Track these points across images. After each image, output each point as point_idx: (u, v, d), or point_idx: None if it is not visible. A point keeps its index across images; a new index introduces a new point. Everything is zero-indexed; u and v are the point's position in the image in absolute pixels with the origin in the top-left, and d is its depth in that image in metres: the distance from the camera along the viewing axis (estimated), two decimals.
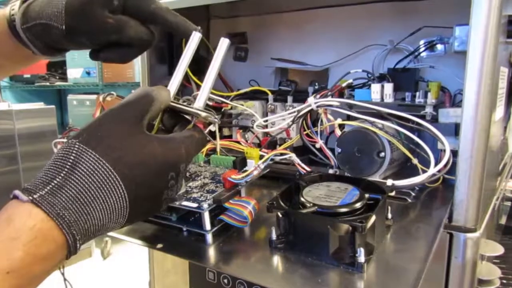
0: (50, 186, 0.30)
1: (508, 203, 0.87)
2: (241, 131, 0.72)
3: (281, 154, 0.55)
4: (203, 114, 0.40)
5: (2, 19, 0.43)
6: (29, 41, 0.42)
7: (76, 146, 0.31)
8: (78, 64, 2.72)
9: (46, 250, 0.29)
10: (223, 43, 0.43)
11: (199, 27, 0.44)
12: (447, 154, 0.49)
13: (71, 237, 0.29)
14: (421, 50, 0.64)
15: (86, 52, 0.47)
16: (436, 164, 0.49)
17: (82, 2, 0.40)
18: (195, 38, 0.43)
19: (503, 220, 0.83)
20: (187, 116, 0.41)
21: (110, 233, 0.48)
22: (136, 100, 0.35)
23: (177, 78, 0.42)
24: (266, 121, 0.68)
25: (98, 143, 0.31)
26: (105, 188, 0.31)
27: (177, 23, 0.44)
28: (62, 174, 0.30)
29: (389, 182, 0.47)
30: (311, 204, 0.40)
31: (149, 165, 0.33)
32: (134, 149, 0.32)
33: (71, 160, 0.30)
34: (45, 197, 0.29)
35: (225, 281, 0.59)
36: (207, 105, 0.70)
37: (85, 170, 0.30)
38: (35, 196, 0.29)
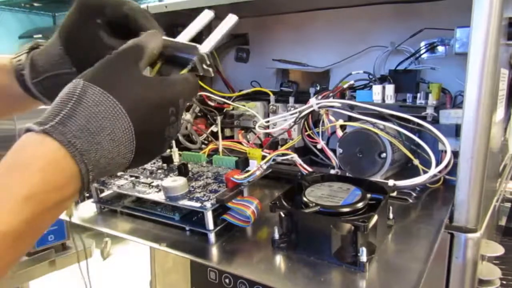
0: (59, 116, 0.31)
1: (508, 205, 0.87)
2: (242, 131, 0.72)
3: (283, 155, 0.55)
4: (203, 50, 0.39)
5: (7, 74, 0.43)
6: (39, 93, 0.42)
7: (81, 83, 0.33)
8: None
9: (60, 178, 0.30)
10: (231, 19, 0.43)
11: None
12: (448, 155, 0.49)
13: (83, 166, 0.31)
14: (422, 51, 0.65)
15: None
16: (437, 165, 0.50)
17: (79, 39, 0.40)
18: (208, 16, 0.43)
19: (503, 221, 0.84)
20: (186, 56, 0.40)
21: (115, 233, 0.49)
22: (128, 49, 0.36)
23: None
24: (268, 121, 0.68)
25: (102, 80, 0.33)
26: (112, 119, 0.32)
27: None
28: (69, 106, 0.32)
29: (391, 182, 0.48)
30: (314, 204, 0.40)
31: (150, 100, 0.34)
32: (135, 86, 0.34)
33: (77, 94, 0.32)
34: (55, 126, 0.30)
35: (227, 280, 0.59)
36: (209, 106, 0.70)
37: (91, 102, 0.32)
38: (46, 126, 0.30)
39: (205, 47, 0.40)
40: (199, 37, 0.43)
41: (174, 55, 0.40)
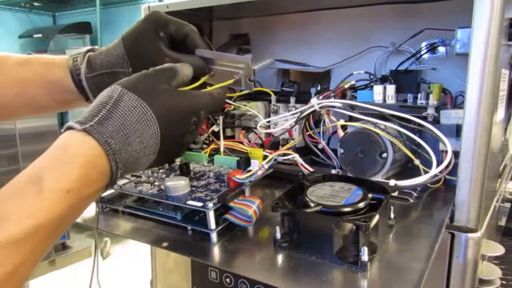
0: (98, 117, 0.35)
1: (508, 205, 0.87)
2: (243, 131, 0.72)
3: (284, 155, 0.55)
4: (254, 68, 0.47)
5: (62, 69, 0.48)
6: (89, 89, 0.48)
7: (119, 89, 0.37)
8: None
9: (94, 174, 0.33)
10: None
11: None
12: (449, 155, 0.50)
13: (114, 164, 0.34)
14: (423, 52, 0.65)
15: None
16: (437, 165, 0.50)
17: (141, 45, 0.46)
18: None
19: (502, 222, 0.84)
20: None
21: (116, 232, 0.49)
22: (165, 68, 0.42)
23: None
24: (269, 121, 0.69)
25: (137, 88, 0.37)
26: (143, 123, 0.36)
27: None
28: (107, 108, 0.36)
29: (392, 182, 0.48)
30: (316, 204, 0.41)
31: (177, 109, 0.39)
32: (165, 96, 0.39)
33: (114, 98, 0.36)
34: (94, 126, 0.34)
35: (228, 280, 0.59)
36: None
37: (126, 106, 0.36)
38: (86, 126, 0.34)
39: (254, 64, 0.47)
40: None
41: (222, 70, 0.47)
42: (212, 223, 0.44)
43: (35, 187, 0.30)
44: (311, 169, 0.54)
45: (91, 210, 0.54)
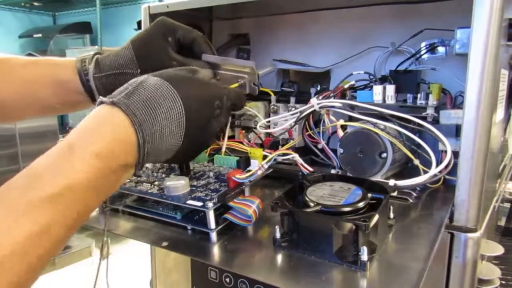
0: (124, 93, 0.38)
1: (507, 205, 0.87)
2: (243, 131, 0.72)
3: (284, 154, 0.55)
4: (258, 72, 0.50)
5: (69, 70, 0.50)
6: (97, 89, 0.50)
7: (145, 75, 0.40)
8: None
9: (122, 144, 0.35)
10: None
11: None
12: (449, 155, 0.50)
13: (141, 136, 0.36)
14: (422, 52, 0.65)
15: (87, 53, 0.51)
16: (437, 165, 0.50)
17: (149, 48, 0.49)
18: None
19: (502, 222, 0.84)
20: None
21: (116, 231, 0.49)
22: (189, 68, 0.45)
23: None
24: (269, 121, 0.69)
25: (161, 74, 0.40)
26: (167, 100, 0.38)
27: None
28: (133, 86, 0.38)
29: (391, 182, 0.48)
30: (315, 204, 0.41)
31: (200, 90, 0.41)
32: (189, 82, 0.41)
33: (140, 80, 0.39)
34: (121, 99, 0.37)
35: (227, 280, 0.59)
36: None
37: (151, 85, 0.38)
38: (114, 99, 0.37)
39: (258, 69, 0.49)
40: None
41: (228, 74, 0.50)
42: (212, 223, 0.44)
43: (65, 152, 0.33)
44: (310, 169, 0.54)
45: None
